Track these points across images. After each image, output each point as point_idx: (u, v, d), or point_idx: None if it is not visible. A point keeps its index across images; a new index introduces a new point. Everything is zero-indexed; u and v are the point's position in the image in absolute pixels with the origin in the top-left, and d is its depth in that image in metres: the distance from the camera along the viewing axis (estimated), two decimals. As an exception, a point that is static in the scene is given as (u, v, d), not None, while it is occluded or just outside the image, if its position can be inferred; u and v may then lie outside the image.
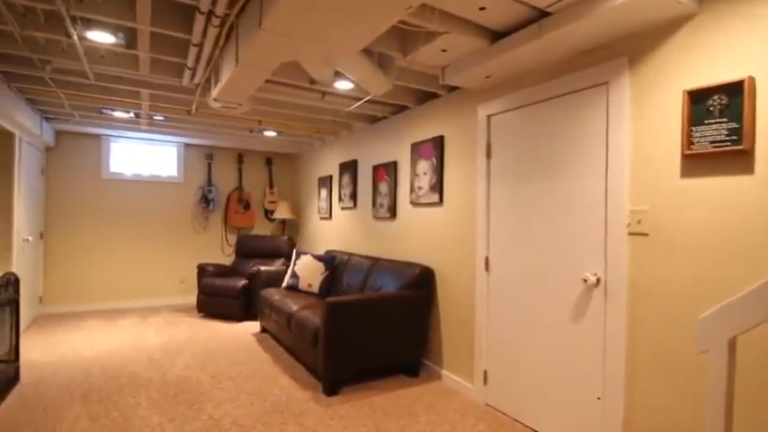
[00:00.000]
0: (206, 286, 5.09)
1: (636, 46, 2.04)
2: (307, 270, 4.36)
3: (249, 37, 1.99)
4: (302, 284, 4.33)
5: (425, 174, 3.51)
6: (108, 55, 2.88)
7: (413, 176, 3.66)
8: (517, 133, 2.68)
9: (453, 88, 3.23)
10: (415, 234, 3.65)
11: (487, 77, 2.70)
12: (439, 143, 3.35)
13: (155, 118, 4.46)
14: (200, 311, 5.19)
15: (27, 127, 3.99)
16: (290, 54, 2.07)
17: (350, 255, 4.35)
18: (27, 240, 4.32)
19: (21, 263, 4.19)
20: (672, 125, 1.90)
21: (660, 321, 1.92)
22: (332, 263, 4.40)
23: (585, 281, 2.16)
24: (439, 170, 3.34)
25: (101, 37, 2.44)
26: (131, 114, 4.33)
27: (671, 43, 1.91)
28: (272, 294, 4.20)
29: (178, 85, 3.29)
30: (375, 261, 3.89)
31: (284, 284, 4.47)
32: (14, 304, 3.08)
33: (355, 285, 3.92)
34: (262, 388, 3.06)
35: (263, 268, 4.75)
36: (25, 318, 4.47)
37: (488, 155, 2.88)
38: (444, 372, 3.24)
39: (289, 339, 3.67)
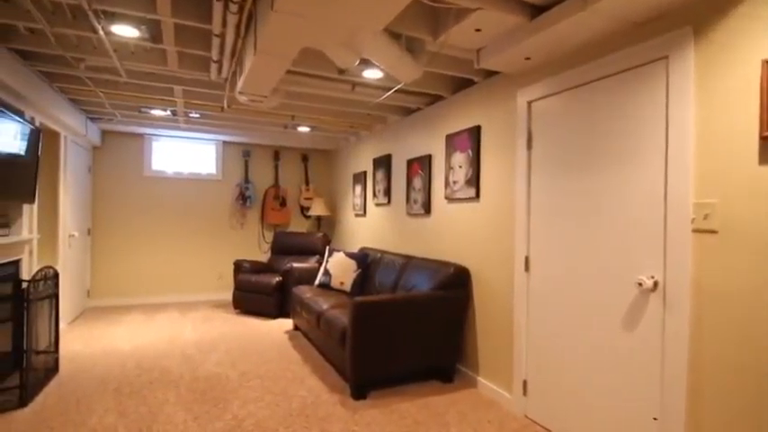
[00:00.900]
0: (241, 283, 5.13)
1: (702, 12, 1.75)
2: (338, 268, 4.26)
3: (264, 22, 1.88)
4: (334, 282, 4.23)
5: (461, 167, 3.30)
6: (137, 51, 2.89)
7: (448, 170, 3.46)
8: (561, 120, 2.42)
9: (490, 74, 3.00)
10: (450, 231, 3.44)
11: (527, 59, 2.46)
12: (475, 134, 3.13)
13: (191, 115, 4.52)
14: (236, 308, 5.23)
15: (72, 126, 4.14)
16: (307, 38, 1.94)
17: (383, 252, 4.21)
18: (73, 236, 4.50)
19: (68, 257, 4.37)
20: (747, 102, 1.60)
21: (731, 334, 1.63)
22: (364, 261, 4.27)
23: (640, 284, 1.89)
24: (475, 163, 3.12)
25: (125, 31, 2.42)
26: (168, 112, 4.40)
27: (745, 5, 1.61)
28: (304, 292, 4.14)
29: (207, 79, 3.27)
30: (408, 259, 3.73)
31: (316, 282, 4.40)
32: (54, 298, 3.17)
33: (387, 284, 3.77)
34: (288, 388, 2.97)
35: (295, 265, 4.71)
36: (73, 310, 4.66)
37: (529, 145, 2.64)
38: (480, 379, 3.02)
39: (319, 338, 3.58)
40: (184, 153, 5.92)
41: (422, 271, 3.38)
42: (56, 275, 3.14)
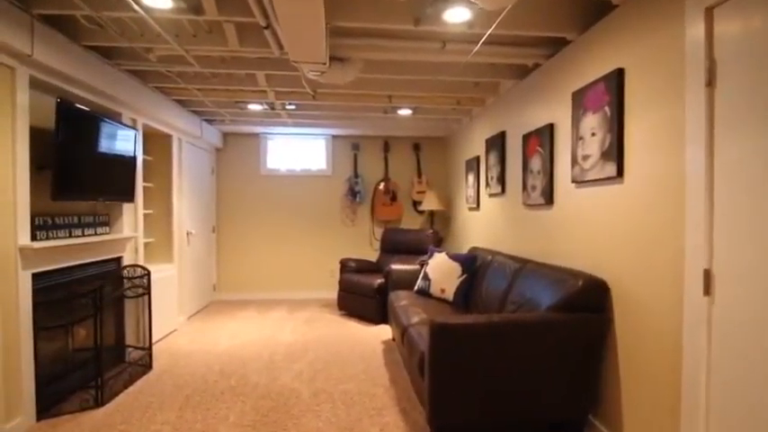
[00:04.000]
0: (345, 282, 4.80)
1: None
2: (439, 272, 3.55)
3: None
4: (434, 289, 3.54)
5: (593, 135, 2.29)
6: (198, 33, 2.65)
7: (575, 141, 2.46)
8: (779, 22, 1.32)
9: (638, -15, 1.95)
10: (580, 227, 2.45)
11: (704, -73, 1.41)
12: (615, 81, 2.10)
13: (287, 107, 4.32)
14: (340, 309, 4.94)
15: (183, 128, 4.29)
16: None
17: (494, 254, 3.36)
18: (190, 234, 4.72)
19: (186, 254, 4.59)
20: None
21: None
22: (471, 264, 3.48)
23: None
24: (616, 125, 2.10)
25: (158, 1, 2.14)
26: (265, 106, 4.28)
27: None
28: (399, 299, 3.55)
29: (274, 56, 2.89)
30: (523, 264, 2.83)
31: (415, 288, 3.77)
32: (147, 296, 3.20)
33: (495, 295, 2.93)
34: (359, 422, 2.41)
35: (394, 267, 4.15)
36: (194, 304, 4.92)
37: (709, 82, 1.56)
38: (627, 449, 2.01)
39: (405, 358, 2.95)
40: (296, 150, 5.89)
41: (539, 281, 2.47)
42: (145, 274, 3.16)
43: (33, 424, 2.35)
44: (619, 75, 2.08)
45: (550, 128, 2.79)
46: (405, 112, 4.45)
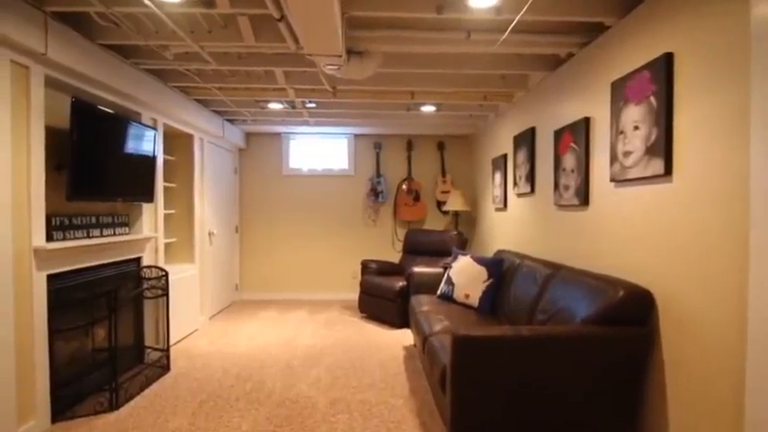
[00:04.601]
0: (366, 285, 4.68)
1: None
2: (463, 276, 3.37)
3: None
4: (458, 294, 3.36)
5: (636, 128, 2.07)
6: (214, 29, 2.57)
7: (615, 136, 2.25)
8: None
9: (690, -42, 1.73)
10: (620, 231, 2.23)
11: None
12: (662, 68, 1.88)
13: (307, 105, 4.23)
14: (361, 311, 4.81)
15: (204, 128, 4.26)
16: None
17: (523, 258, 3.15)
18: (213, 234, 4.69)
19: (208, 254, 4.56)
20: None
21: None
22: (498, 268, 3.28)
23: None
24: (663, 116, 1.88)
25: (168, -6, 2.07)
26: (285, 104, 4.20)
27: None
28: (421, 304, 3.39)
29: (289, 51, 2.78)
30: (555, 270, 2.62)
31: (438, 292, 3.60)
32: (165, 297, 3.15)
33: (524, 303, 2.73)
34: (376, 436, 2.28)
35: (416, 270, 3.99)
36: (216, 304, 4.90)
37: (780, 63, 1.34)
38: (674, 481, 1.79)
39: (426, 368, 2.79)
40: (318, 150, 5.81)
41: (573, 289, 2.27)
42: (163, 275, 3.12)
43: (48, 427, 2.32)
44: (667, 60, 1.86)
45: (586, 122, 2.57)
46: (428, 108, 4.28)
